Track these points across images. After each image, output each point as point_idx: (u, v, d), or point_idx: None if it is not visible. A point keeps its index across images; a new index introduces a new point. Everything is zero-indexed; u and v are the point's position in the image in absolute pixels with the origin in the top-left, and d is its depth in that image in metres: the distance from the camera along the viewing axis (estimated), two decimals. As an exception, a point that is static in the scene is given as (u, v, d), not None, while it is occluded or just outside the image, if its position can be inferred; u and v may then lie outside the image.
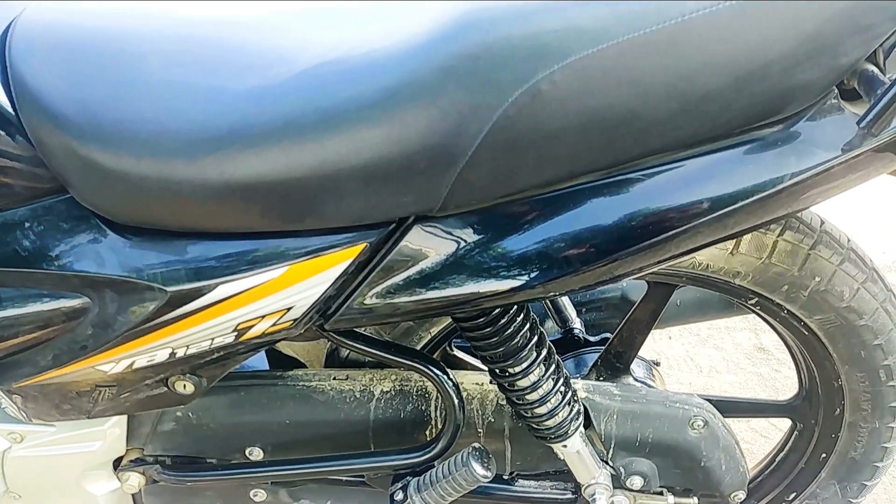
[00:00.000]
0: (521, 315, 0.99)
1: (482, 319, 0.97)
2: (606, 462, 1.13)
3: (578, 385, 1.13)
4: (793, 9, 0.69)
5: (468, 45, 0.71)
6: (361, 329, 1.07)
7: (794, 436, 1.35)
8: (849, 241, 1.08)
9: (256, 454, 1.16)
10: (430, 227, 0.81)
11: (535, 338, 1.01)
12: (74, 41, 0.81)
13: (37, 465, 1.12)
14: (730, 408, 1.30)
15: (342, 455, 1.13)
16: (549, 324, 1.42)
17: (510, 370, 1.01)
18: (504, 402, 1.12)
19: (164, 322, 0.85)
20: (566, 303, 1.42)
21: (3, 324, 0.87)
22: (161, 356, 0.90)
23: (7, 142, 0.80)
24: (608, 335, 1.33)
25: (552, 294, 0.86)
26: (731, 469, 1.16)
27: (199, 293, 0.83)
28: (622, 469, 1.14)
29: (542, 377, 1.02)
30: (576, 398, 1.08)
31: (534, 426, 1.06)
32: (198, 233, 0.83)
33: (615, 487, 1.14)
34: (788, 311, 1.10)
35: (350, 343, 1.01)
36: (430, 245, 0.82)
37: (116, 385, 0.96)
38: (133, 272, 0.83)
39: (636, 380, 1.29)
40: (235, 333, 0.88)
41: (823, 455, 1.29)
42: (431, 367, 1.04)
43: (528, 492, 1.17)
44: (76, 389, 0.96)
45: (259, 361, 1.24)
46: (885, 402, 1.17)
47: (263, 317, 0.86)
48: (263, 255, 0.82)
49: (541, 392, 1.02)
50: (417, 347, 1.17)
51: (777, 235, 1.02)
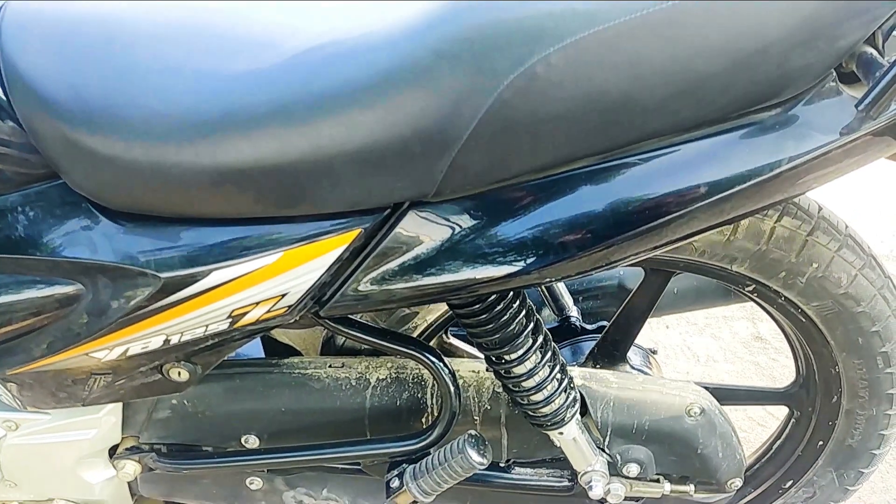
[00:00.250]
0: (517, 302, 0.99)
1: (478, 306, 0.97)
2: (603, 449, 1.13)
3: (575, 372, 1.13)
4: (790, -9, 0.68)
5: (463, 28, 0.71)
6: (357, 316, 1.07)
7: (791, 423, 1.35)
8: (847, 228, 1.07)
9: (252, 442, 1.15)
10: (425, 213, 0.81)
11: (531, 325, 1.00)
12: (65, 26, 0.80)
13: (32, 454, 1.12)
14: (727, 395, 1.29)
15: (338, 443, 1.12)
16: (546, 312, 1.42)
17: (506, 357, 1.00)
18: (500, 390, 1.11)
19: (158, 308, 0.85)
20: (563, 291, 1.41)
21: (-4, 310, 0.86)
22: (155, 343, 0.89)
23: (-2, 127, 0.79)
24: (605, 323, 1.33)
25: (548, 280, 0.85)
26: (728, 456, 1.16)
27: (193, 279, 0.83)
28: (619, 456, 1.14)
29: (539, 364, 1.01)
30: (572, 385, 1.08)
31: (530, 413, 1.06)
32: (191, 219, 0.82)
33: (611, 475, 1.13)
34: (786, 298, 1.09)
35: (346, 330, 1.00)
36: (425, 231, 0.82)
37: (111, 372, 0.95)
38: (126, 258, 0.83)
39: (633, 368, 1.29)
40: (230, 320, 0.87)
41: (820, 443, 1.28)
42: (427, 355, 1.03)
43: (525, 479, 1.17)
44: (71, 377, 0.96)
45: (255, 349, 1.24)
46: (883, 390, 1.17)
47: (258, 303, 0.86)
48: (257, 241, 0.82)
49: (537, 379, 1.02)
50: (414, 335, 1.16)
51: (775, 221, 1.01)
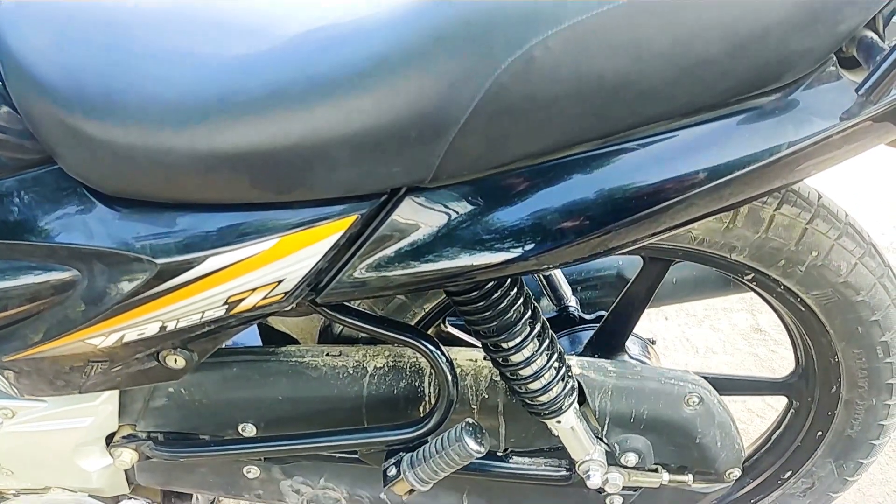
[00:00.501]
0: (515, 289, 0.98)
1: (475, 293, 0.96)
2: (601, 439, 1.13)
3: (573, 361, 1.12)
4: (791, -26, 0.67)
5: (460, 11, 0.70)
6: (354, 304, 1.07)
7: (791, 414, 1.34)
8: (847, 216, 1.07)
9: (249, 430, 1.15)
10: (423, 199, 0.80)
11: (529, 312, 1.00)
12: (61, 9, 0.79)
13: (29, 441, 1.12)
14: (726, 385, 1.29)
15: (335, 431, 1.12)
16: (545, 302, 1.41)
17: (504, 345, 1.00)
18: (498, 379, 1.11)
19: (154, 295, 0.85)
20: (561, 281, 1.41)
21: (-9, 296, 0.86)
22: (151, 329, 0.89)
23: (-7, 111, 0.79)
24: (603, 313, 1.32)
25: (546, 267, 0.85)
26: (727, 446, 1.16)
27: (189, 265, 0.82)
28: (617, 446, 1.14)
29: (536, 352, 1.01)
30: (570, 374, 1.07)
31: (528, 402, 1.05)
32: (187, 204, 0.82)
33: (609, 464, 1.13)
34: (785, 287, 1.09)
35: (343, 318, 1.00)
36: (423, 217, 0.81)
37: (107, 359, 0.95)
38: (122, 244, 0.82)
39: (631, 357, 1.29)
40: (226, 306, 0.87)
41: (820, 433, 1.28)
42: (425, 343, 1.03)
43: (523, 468, 1.16)
44: (67, 364, 0.96)
45: (252, 337, 1.23)
46: (882, 379, 1.17)
47: (254, 289, 0.85)
48: (253, 227, 0.81)
49: (534, 367, 1.02)
50: (411, 324, 1.16)
51: (774, 209, 1.01)
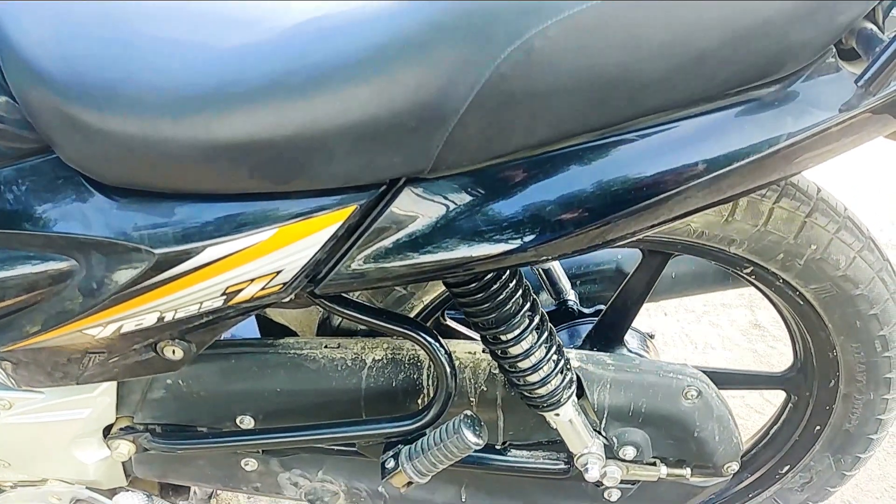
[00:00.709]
0: (514, 281, 0.98)
1: (474, 285, 0.96)
2: (599, 432, 1.13)
3: (571, 354, 1.12)
4: (790, -35, 0.67)
5: (459, 0, 0.70)
6: (353, 296, 1.06)
7: (789, 408, 1.34)
8: (845, 210, 1.07)
9: (247, 423, 1.15)
10: (421, 189, 0.80)
11: (528, 304, 1.00)
12: (59, -1, 0.79)
13: (26, 433, 1.12)
14: (724, 379, 1.29)
15: (333, 423, 1.12)
16: (544, 296, 1.42)
17: (502, 337, 1.00)
18: (497, 371, 1.11)
19: (152, 285, 0.84)
20: (560, 275, 1.41)
21: (-11, 286, 0.86)
22: (149, 320, 0.89)
23: (-10, 101, 0.78)
24: (602, 307, 1.32)
25: (544, 258, 0.85)
26: (725, 440, 1.16)
27: (187, 255, 0.82)
28: (615, 439, 1.14)
29: (535, 344, 1.01)
30: (568, 367, 1.07)
31: (526, 394, 1.05)
32: (185, 194, 0.82)
33: (608, 457, 1.13)
34: (784, 281, 1.09)
35: (341, 310, 1.00)
36: (421, 207, 0.81)
37: (105, 350, 0.95)
38: (120, 234, 0.82)
39: (630, 351, 1.29)
40: (224, 297, 0.87)
41: (818, 427, 1.28)
42: (423, 335, 1.02)
43: (521, 461, 1.16)
44: (65, 355, 0.95)
45: (250, 329, 1.23)
46: (881, 374, 1.17)
47: (252, 280, 0.85)
48: (252, 217, 0.81)
49: (533, 360, 1.02)
50: (410, 316, 1.16)
51: (773, 202, 1.01)
